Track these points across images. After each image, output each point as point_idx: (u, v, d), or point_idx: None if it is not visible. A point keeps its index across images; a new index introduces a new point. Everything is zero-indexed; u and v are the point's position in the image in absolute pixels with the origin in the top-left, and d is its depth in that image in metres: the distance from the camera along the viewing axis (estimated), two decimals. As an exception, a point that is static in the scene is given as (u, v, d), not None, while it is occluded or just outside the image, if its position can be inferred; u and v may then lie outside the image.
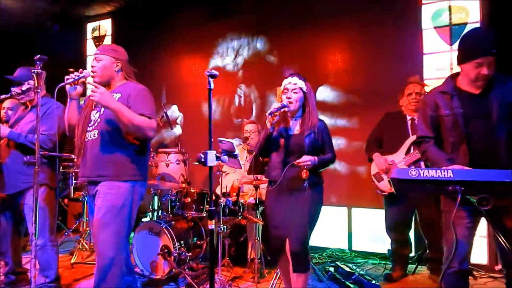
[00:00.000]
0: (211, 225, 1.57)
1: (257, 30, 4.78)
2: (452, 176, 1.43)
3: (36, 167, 2.04)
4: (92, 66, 2.20)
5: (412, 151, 3.03)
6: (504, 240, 1.73)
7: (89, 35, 5.92)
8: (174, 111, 5.26)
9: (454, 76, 2.06)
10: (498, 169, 1.42)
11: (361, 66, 4.19)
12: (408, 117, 3.13)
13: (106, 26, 5.80)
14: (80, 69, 2.13)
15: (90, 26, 5.91)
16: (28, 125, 2.69)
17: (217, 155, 1.61)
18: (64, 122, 2.32)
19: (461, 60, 1.96)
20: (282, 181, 2.25)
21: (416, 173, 1.46)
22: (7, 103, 3.33)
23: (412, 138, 3.02)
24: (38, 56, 2.09)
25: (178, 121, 5.23)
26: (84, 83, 2.16)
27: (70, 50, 5.52)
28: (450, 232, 1.87)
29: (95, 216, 2.09)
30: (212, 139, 1.72)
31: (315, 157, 2.24)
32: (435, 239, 3.13)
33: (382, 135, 3.23)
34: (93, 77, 2.18)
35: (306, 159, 2.20)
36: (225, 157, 1.60)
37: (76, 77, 2.10)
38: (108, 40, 5.71)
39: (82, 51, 5.86)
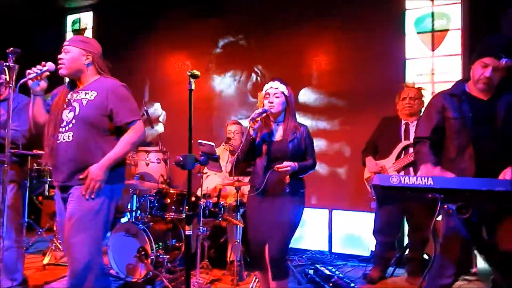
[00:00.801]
0: (188, 230, 1.52)
1: (241, 30, 4.73)
2: (432, 183, 1.43)
3: (6, 165, 1.94)
4: (59, 58, 2.06)
5: (402, 156, 3.05)
6: (478, 249, 1.75)
7: (69, 27, 5.73)
8: (157, 109, 5.15)
9: (464, 81, 2.04)
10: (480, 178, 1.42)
11: (343, 69, 4.21)
12: (403, 122, 3.15)
13: (87, 19, 5.62)
14: (43, 62, 2.00)
15: (70, 18, 5.71)
16: None
17: (197, 158, 1.56)
18: None
19: (471, 61, 1.94)
20: (264, 187, 2.23)
21: (397, 180, 1.46)
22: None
23: (403, 143, 3.05)
24: (11, 49, 1.98)
25: (160, 119, 5.13)
26: (48, 77, 2.03)
27: (48, 43, 5.33)
28: (446, 239, 1.86)
29: (69, 220, 1.97)
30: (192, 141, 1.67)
31: (296, 163, 2.23)
32: (418, 241, 3.18)
33: (378, 140, 3.26)
34: (59, 69, 2.04)
35: (286, 165, 2.19)
36: (205, 160, 1.55)
37: (39, 71, 1.97)
38: (88, 34, 5.54)
39: (61, 45, 5.64)
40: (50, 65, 2.00)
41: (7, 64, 1.94)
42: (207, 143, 1.93)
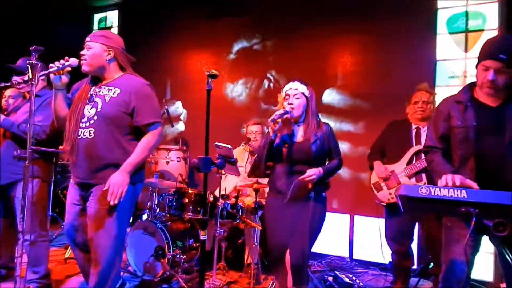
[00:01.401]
0: (203, 235, 1.47)
1: (268, 28, 4.65)
2: (466, 196, 1.31)
3: (27, 162, 1.95)
4: (82, 55, 2.05)
5: (414, 161, 2.91)
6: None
7: (95, 26, 5.85)
8: (178, 107, 5.17)
9: (472, 86, 1.91)
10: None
11: (371, 70, 4.06)
12: (413, 126, 3.01)
13: (113, 17, 5.72)
14: (66, 57, 2.00)
15: (97, 17, 5.83)
16: (24, 115, 2.62)
17: (213, 161, 1.51)
18: None
19: (476, 65, 1.84)
20: (288, 193, 2.15)
21: (427, 191, 1.35)
22: (9, 92, 3.25)
23: (415, 148, 2.91)
24: (34, 46, 2.00)
25: (181, 117, 5.14)
26: (70, 73, 2.03)
27: (76, 41, 5.43)
28: (450, 250, 1.78)
29: (92, 220, 1.98)
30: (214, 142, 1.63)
31: (320, 169, 2.14)
32: (438, 254, 3.02)
33: (386, 144, 3.12)
34: (81, 65, 2.04)
35: (311, 174, 2.10)
36: (221, 163, 1.50)
37: (62, 66, 1.97)
38: (114, 32, 5.63)
39: (87, 42, 5.77)
40: (73, 61, 2.00)
41: (30, 61, 1.95)
42: (224, 145, 1.87)
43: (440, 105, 1.98)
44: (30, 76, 1.93)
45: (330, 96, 4.26)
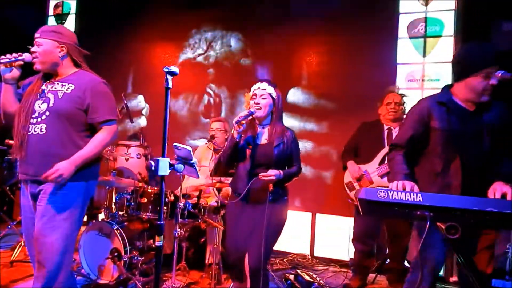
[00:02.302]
0: (159, 241, 1.40)
1: (232, 25, 4.58)
2: (421, 200, 1.34)
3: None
4: (32, 52, 1.95)
5: (386, 161, 2.98)
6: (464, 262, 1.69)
7: (51, 11, 5.47)
8: (140, 101, 4.97)
9: (448, 88, 1.94)
10: (471, 196, 1.34)
11: (334, 71, 4.12)
12: (385, 127, 3.09)
13: (71, 3, 5.37)
14: (20, 52, 1.92)
15: (52, 1, 5.46)
16: None
17: (171, 163, 1.44)
18: None
19: (465, 73, 1.80)
20: (247, 194, 2.15)
21: (385, 195, 1.37)
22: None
23: (387, 148, 2.98)
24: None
25: (143, 112, 4.96)
26: (21, 67, 1.94)
27: (29, 27, 5.05)
28: (426, 255, 1.81)
29: (41, 219, 1.88)
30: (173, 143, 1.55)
31: (281, 171, 2.15)
32: (397, 251, 3.13)
33: (358, 144, 3.19)
34: (34, 63, 1.96)
35: (271, 174, 2.11)
36: (180, 166, 1.43)
37: (14, 59, 1.89)
38: (71, 19, 5.30)
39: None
40: (26, 56, 1.93)
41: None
42: (183, 147, 1.80)
43: (419, 106, 1.95)
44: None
45: (295, 96, 4.28)
